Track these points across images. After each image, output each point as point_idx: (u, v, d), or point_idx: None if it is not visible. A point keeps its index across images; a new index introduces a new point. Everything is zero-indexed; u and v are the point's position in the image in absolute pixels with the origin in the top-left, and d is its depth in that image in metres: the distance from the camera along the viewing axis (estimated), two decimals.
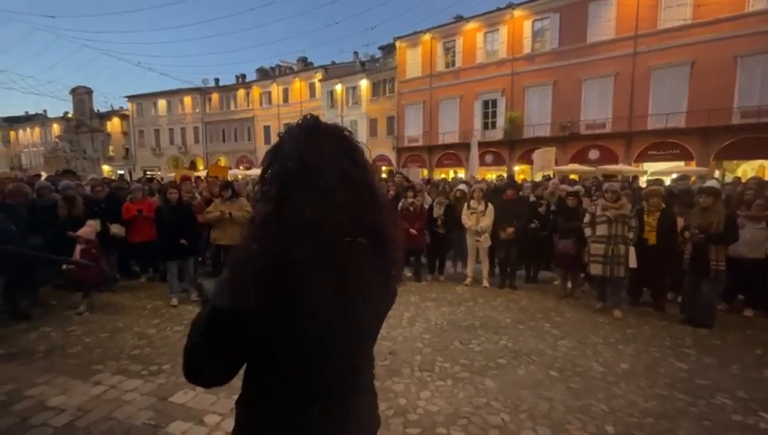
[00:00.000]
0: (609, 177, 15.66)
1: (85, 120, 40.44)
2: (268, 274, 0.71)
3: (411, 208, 5.98)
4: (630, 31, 17.50)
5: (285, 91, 31.77)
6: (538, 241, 5.78)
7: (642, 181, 17.32)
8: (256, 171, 33.09)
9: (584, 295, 5.39)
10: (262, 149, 33.25)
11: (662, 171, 15.40)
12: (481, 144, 18.56)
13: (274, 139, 0.88)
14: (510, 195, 5.86)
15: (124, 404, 2.79)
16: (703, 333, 4.11)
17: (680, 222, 4.65)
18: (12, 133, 49.02)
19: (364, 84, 27.30)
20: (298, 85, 31.01)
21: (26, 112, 49.54)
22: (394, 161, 26.20)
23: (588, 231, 4.75)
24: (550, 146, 19.82)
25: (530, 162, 21.25)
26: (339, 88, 28.37)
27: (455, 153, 23.34)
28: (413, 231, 5.82)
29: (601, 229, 4.60)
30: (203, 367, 0.79)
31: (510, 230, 5.54)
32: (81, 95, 40.19)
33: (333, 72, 29.89)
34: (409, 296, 5.31)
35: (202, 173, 30.60)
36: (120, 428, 2.53)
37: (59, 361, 3.47)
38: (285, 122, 31.57)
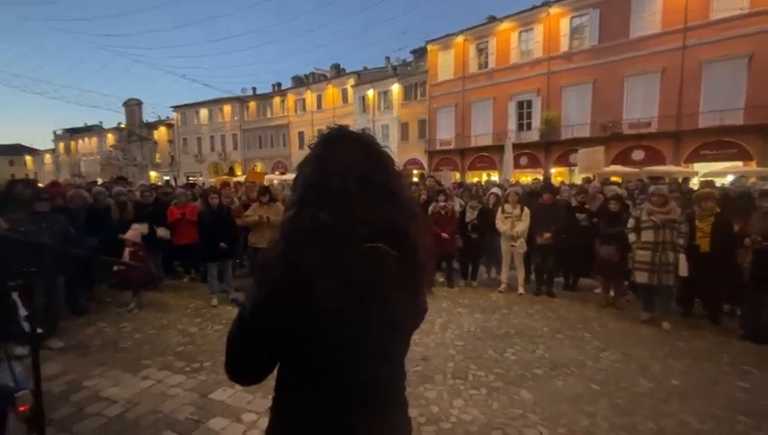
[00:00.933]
0: (656, 178, 14.74)
1: (135, 129, 43.35)
2: (283, 279, 0.74)
3: (442, 212, 5.92)
4: (679, 23, 16.45)
5: (319, 98, 32.51)
6: (578, 247, 5.53)
7: (693, 183, 16.21)
8: (291, 176, 34.15)
9: (628, 305, 5.09)
10: (296, 155, 34.17)
11: (716, 172, 14.30)
12: (515, 146, 18.03)
13: (308, 144, 0.92)
14: (547, 199, 5.66)
15: (169, 398, 2.95)
16: (766, 351, 3.76)
17: (736, 228, 4.30)
18: (72, 143, 53.39)
19: (396, 89, 27.42)
20: (331, 91, 31.63)
21: (85, 124, 53.74)
22: (426, 165, 26.08)
23: (632, 237, 4.50)
24: (590, 146, 19.05)
25: (567, 164, 20.56)
26: (371, 93, 28.66)
27: (488, 156, 22.88)
28: (445, 235, 5.76)
29: (647, 235, 4.34)
30: (237, 365, 0.84)
31: (547, 235, 5.35)
32: (132, 106, 43.13)
33: (365, 77, 30.25)
34: (441, 302, 5.24)
35: (240, 178, 31.92)
36: (166, 421, 2.67)
37: (112, 354, 3.71)
38: (318, 128, 32.27)
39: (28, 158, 62.88)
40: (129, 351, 3.81)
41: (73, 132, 53.78)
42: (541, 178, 21.38)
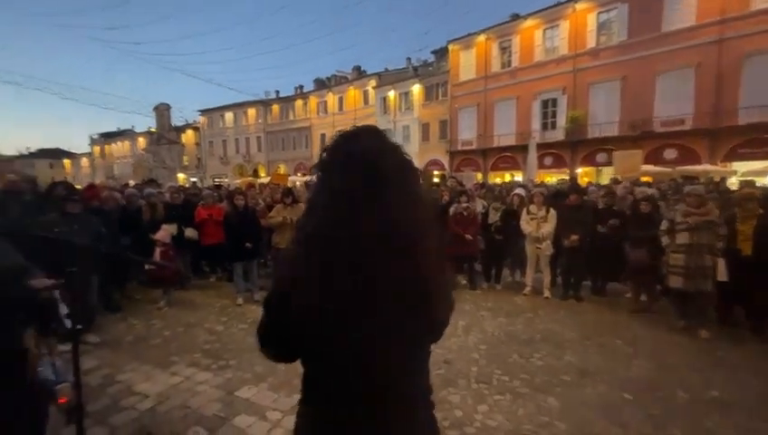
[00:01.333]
0: (690, 178, 14.10)
1: (164, 133, 45.00)
2: (287, 277, 0.82)
3: (464, 213, 5.84)
4: (715, 15, 15.66)
5: (340, 100, 32.80)
6: (606, 249, 5.33)
7: (731, 183, 15.39)
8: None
9: (661, 311, 4.86)
10: (318, 156, 34.59)
11: (756, 171, 13.55)
12: (540, 146, 17.66)
13: None
14: (574, 200, 5.49)
15: (197, 395, 3.03)
16: None
17: None
18: (107, 147, 55.96)
19: (416, 89, 27.34)
20: (352, 93, 31.86)
21: (118, 128, 56.20)
22: (447, 165, 25.87)
23: (665, 240, 4.30)
24: (619, 146, 18.43)
25: (594, 164, 19.94)
26: (392, 94, 28.69)
27: (511, 156, 22.46)
28: (468, 236, 5.68)
29: (682, 238, 4.13)
30: (264, 344, 0.91)
31: (574, 237, 5.18)
32: (162, 111, 44.82)
33: (386, 78, 30.31)
34: (464, 305, 5.16)
35: (264, 180, 32.58)
36: (194, 416, 2.74)
37: (143, 350, 3.85)
38: (340, 129, 32.48)
39: (66, 161, 66.29)
40: (159, 347, 3.94)
41: (108, 136, 56.35)
42: (566, 178, 20.89)
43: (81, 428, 1.57)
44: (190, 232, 6.08)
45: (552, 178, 22.08)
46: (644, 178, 15.20)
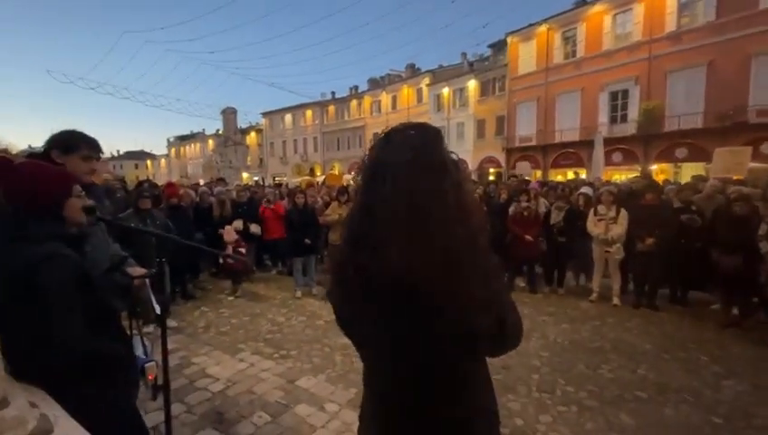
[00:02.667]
0: None
1: (231, 135, 48.35)
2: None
3: (525, 213, 5.57)
4: None
5: (394, 99, 32.95)
6: (688, 253, 4.78)
7: None
8: None
9: (759, 327, 4.26)
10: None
11: None
12: (607, 141, 16.26)
13: None
14: (650, 199, 5.00)
15: (261, 381, 3.21)
16: None
17: None
18: (182, 149, 61.50)
19: (472, 85, 26.64)
20: (406, 92, 31.85)
21: (191, 131, 61.54)
22: (503, 163, 24.94)
23: (765, 246, 3.76)
24: (701, 139, 16.52)
25: (672, 160, 18.05)
26: (446, 91, 28.23)
27: (574, 152, 21.07)
28: (529, 238, 5.42)
29: None
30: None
31: (650, 241, 4.72)
32: (229, 115, 48.17)
33: (440, 75, 29.90)
34: (523, 308, 4.87)
35: (320, 178, 33.78)
36: (259, 402, 2.91)
37: (214, 336, 4.17)
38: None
39: (148, 162, 73.99)
40: (227, 334, 4.24)
41: (182, 139, 61.93)
42: (639, 175, 19.12)
43: (168, 405, 1.73)
44: (254, 228, 6.48)
45: (621, 175, 20.38)
46: (735, 177, 13.48)
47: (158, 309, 2.10)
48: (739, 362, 3.52)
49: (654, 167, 18.79)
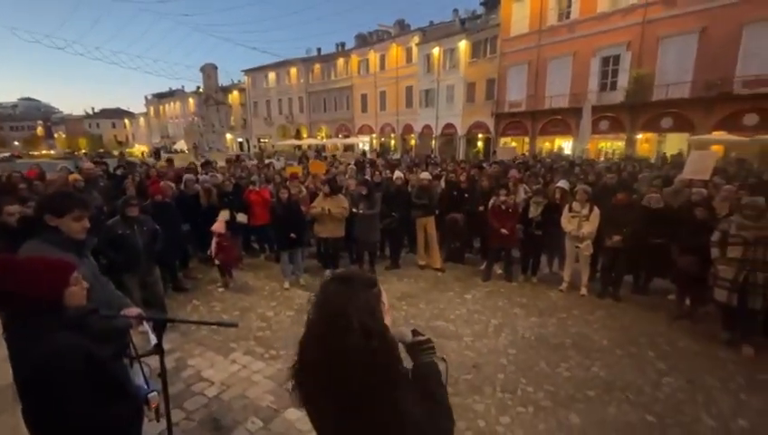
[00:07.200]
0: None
1: (212, 93, 46.35)
2: None
3: (503, 207, 5.79)
4: None
5: (382, 58, 31.72)
6: (652, 248, 5.12)
7: None
8: (354, 140, 34.25)
9: (706, 319, 4.70)
10: (359, 118, 34.33)
11: None
12: (595, 108, 16.27)
13: (371, 107, 0.97)
14: (620, 199, 5.25)
15: (253, 385, 3.51)
16: None
17: None
18: (161, 107, 58.94)
19: (463, 46, 25.75)
20: (395, 51, 30.63)
21: (170, 88, 58.69)
22: (492, 128, 24.78)
23: (715, 252, 4.08)
24: (686, 109, 16.63)
25: (657, 130, 18.23)
26: (436, 51, 27.26)
27: (562, 119, 21.06)
28: (504, 231, 5.69)
29: (734, 251, 3.91)
30: None
31: (616, 238, 5.04)
32: (209, 71, 45.87)
33: (431, 34, 28.70)
34: (498, 300, 5.30)
35: (306, 141, 32.97)
36: (252, 406, 3.22)
37: (207, 335, 4.41)
38: (381, 90, 31.84)
39: (126, 121, 70.91)
40: (220, 332, 4.49)
41: (161, 97, 59.17)
42: (622, 144, 19.33)
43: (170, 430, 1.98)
44: (241, 217, 6.59)
45: (607, 143, 20.57)
46: (715, 148, 13.78)
47: (153, 339, 2.30)
48: (682, 357, 3.96)
49: (639, 136, 18.99)
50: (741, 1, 14.87)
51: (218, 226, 5.51)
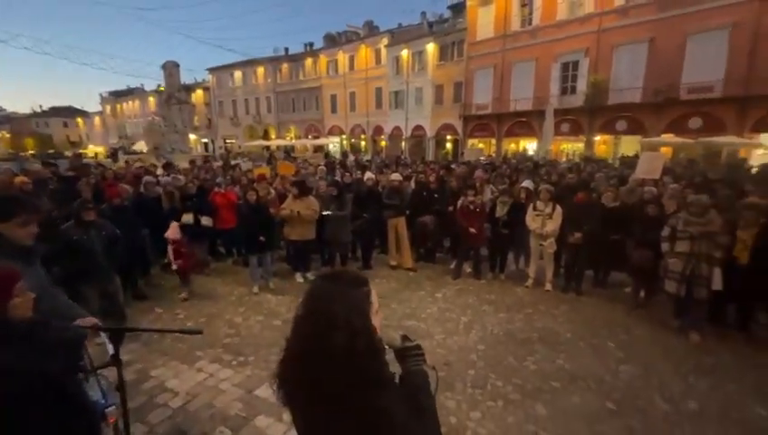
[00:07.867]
0: (715, 155, 13.66)
1: (174, 92, 44.39)
2: None
3: (471, 207, 5.93)
4: None
5: (351, 59, 31.64)
6: (609, 244, 5.42)
7: (758, 154, 14.83)
8: (324, 141, 33.91)
9: (659, 308, 5.02)
10: (329, 119, 34.07)
11: None
12: (557, 111, 17.02)
13: (341, 108, 0.97)
14: (581, 198, 5.51)
15: (221, 393, 3.39)
16: None
17: None
18: (118, 106, 55.82)
19: (431, 48, 26.16)
20: (364, 52, 30.65)
21: (128, 86, 55.70)
22: (460, 130, 25.32)
23: (665, 246, 4.38)
24: (638, 113, 17.69)
25: (613, 132, 19.29)
26: (405, 53, 27.53)
27: (527, 121, 21.84)
28: (473, 230, 5.82)
29: (682, 246, 4.21)
30: None
31: (578, 235, 5.29)
32: (171, 68, 43.85)
33: (400, 36, 28.95)
34: (467, 297, 5.41)
35: (274, 142, 32.21)
36: (220, 416, 3.11)
37: (170, 344, 4.22)
38: (351, 90, 31.74)
39: (79, 120, 66.59)
40: (184, 341, 4.30)
41: (118, 95, 56.03)
42: (582, 146, 20.30)
43: None
44: (206, 220, 6.36)
45: (569, 145, 21.52)
46: (663, 150, 14.77)
47: (111, 350, 2.16)
48: (639, 344, 4.21)
49: (597, 137, 20.00)
50: (684, 13, 16.04)
51: (171, 232, 5.24)
